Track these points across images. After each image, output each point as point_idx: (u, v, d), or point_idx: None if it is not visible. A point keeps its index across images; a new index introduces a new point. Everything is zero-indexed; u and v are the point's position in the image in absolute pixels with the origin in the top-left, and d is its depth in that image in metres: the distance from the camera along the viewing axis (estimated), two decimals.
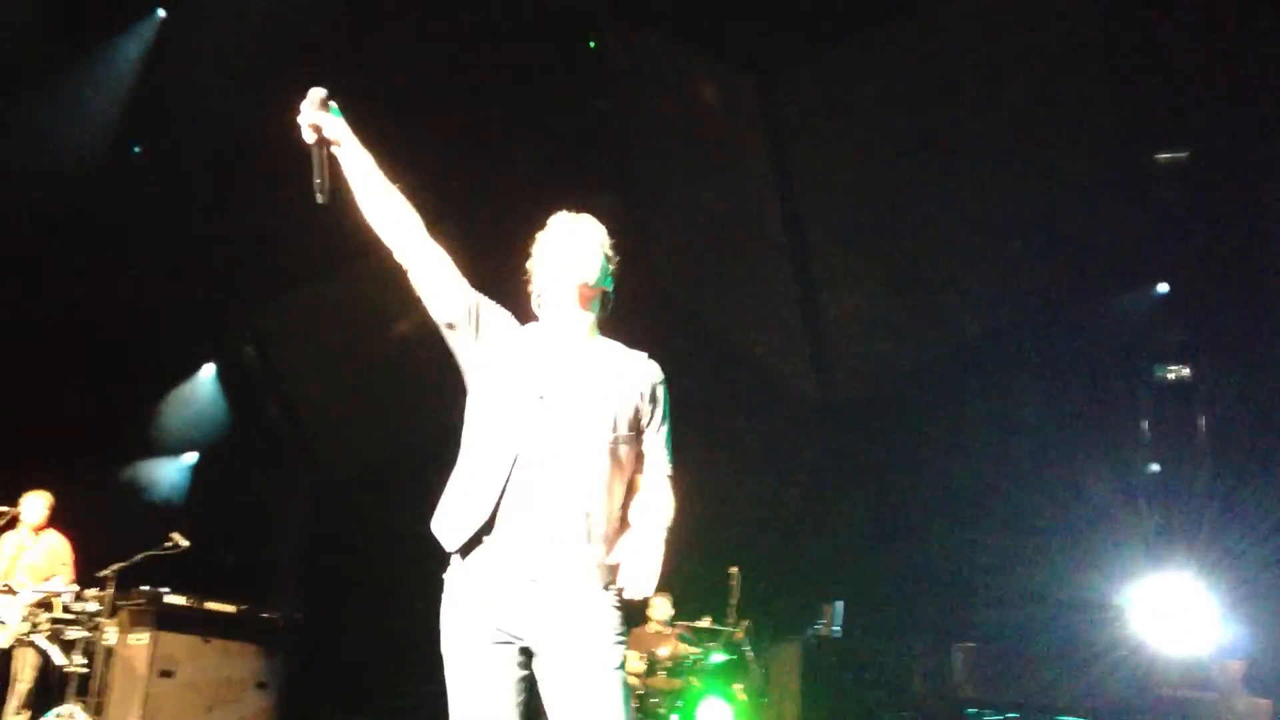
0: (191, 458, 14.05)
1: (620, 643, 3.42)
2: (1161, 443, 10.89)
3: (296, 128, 3.64)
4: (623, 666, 3.42)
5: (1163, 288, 11.10)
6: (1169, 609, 9.05)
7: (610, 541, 3.46)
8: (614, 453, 3.48)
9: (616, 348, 3.69)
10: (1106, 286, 11.28)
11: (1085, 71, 10.30)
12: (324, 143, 3.62)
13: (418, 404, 13.21)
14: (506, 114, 11.69)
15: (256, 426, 14.09)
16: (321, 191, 3.62)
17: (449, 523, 3.46)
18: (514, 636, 3.37)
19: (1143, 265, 11.04)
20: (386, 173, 3.69)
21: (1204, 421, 10.63)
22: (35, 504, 9.34)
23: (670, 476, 3.66)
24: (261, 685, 9.78)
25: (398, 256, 3.62)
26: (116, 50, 11.18)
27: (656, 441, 3.63)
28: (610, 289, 3.72)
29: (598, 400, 3.50)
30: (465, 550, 3.41)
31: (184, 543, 9.03)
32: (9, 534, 9.24)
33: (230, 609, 9.70)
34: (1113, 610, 9.37)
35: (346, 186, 3.65)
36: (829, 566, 11.34)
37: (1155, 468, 10.84)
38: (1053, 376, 11.02)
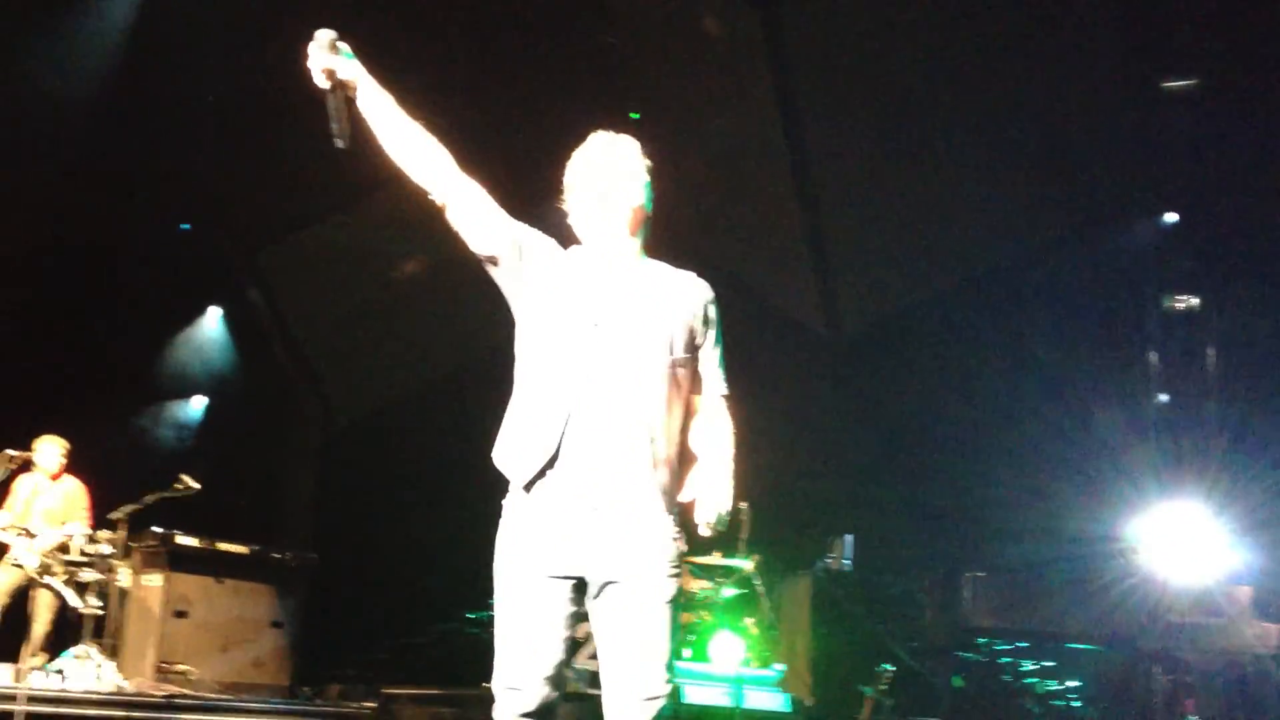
0: (200, 401, 14.08)
1: (675, 575, 3.41)
2: (1170, 372, 10.87)
3: (306, 72, 3.53)
4: (676, 599, 3.41)
5: (1171, 217, 11.03)
6: (1178, 538, 9.08)
7: (672, 466, 3.45)
8: (672, 375, 3.46)
9: (665, 269, 3.66)
10: (1115, 216, 11.23)
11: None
12: (339, 86, 3.51)
13: (426, 344, 13.23)
14: (511, 50, 11.59)
15: (264, 369, 14.10)
16: (341, 137, 3.53)
17: (514, 456, 3.44)
18: (572, 568, 3.36)
19: (1151, 194, 10.97)
20: (399, 104, 3.61)
21: (1213, 351, 10.61)
22: (50, 451, 9.34)
23: (725, 396, 3.64)
24: (276, 625, 9.87)
25: (432, 195, 3.53)
26: None
27: (711, 362, 3.61)
28: (650, 206, 3.67)
29: (654, 324, 3.46)
30: (531, 483, 3.39)
31: (194, 485, 9.06)
32: (24, 477, 9.25)
33: (243, 550, 9.78)
34: (1122, 540, 9.39)
35: (365, 129, 3.55)
36: (838, 501, 11.37)
37: (1164, 398, 10.83)
38: (1061, 307, 11.00)
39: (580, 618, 3.43)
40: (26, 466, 9.13)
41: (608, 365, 3.39)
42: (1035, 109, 10.68)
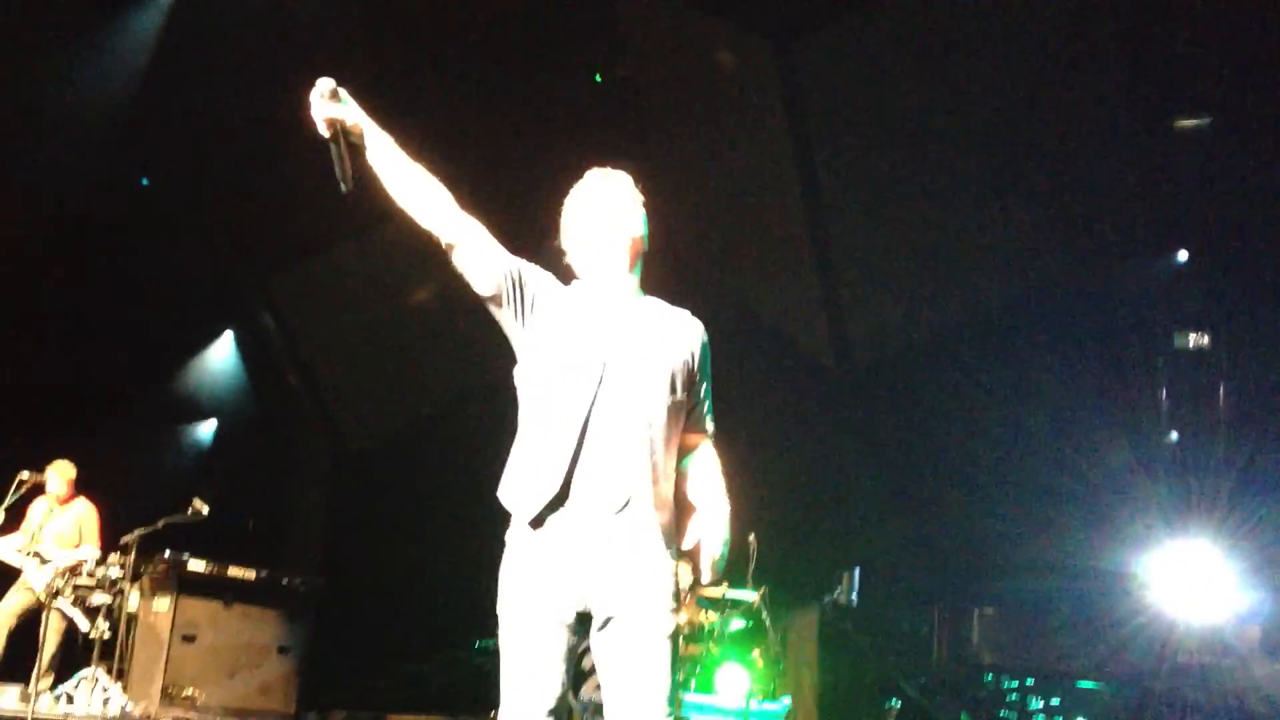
0: (211, 424, 14.12)
1: (674, 610, 3.46)
2: (1180, 411, 10.86)
3: (309, 119, 3.59)
4: (676, 634, 3.45)
5: (1182, 255, 11.05)
6: (1187, 576, 9.05)
7: (669, 504, 3.50)
8: (673, 414, 3.51)
9: (662, 305, 3.69)
10: (1125, 254, 11.24)
11: (1104, 37, 10.23)
12: (341, 134, 3.56)
13: (436, 370, 13.26)
14: (523, 82, 11.66)
15: (276, 393, 14.14)
16: (345, 181, 3.60)
17: (521, 493, 3.47)
18: (576, 603, 3.40)
19: (1162, 232, 10.98)
20: (404, 143, 3.66)
21: (1223, 390, 10.60)
22: (55, 477, 9.40)
23: (712, 435, 3.69)
24: (283, 650, 9.87)
25: (439, 238, 3.56)
26: (133, 19, 11.17)
27: (703, 401, 3.66)
28: (646, 242, 3.71)
29: (657, 363, 3.51)
30: (537, 520, 3.42)
31: (205, 509, 9.09)
32: (38, 501, 9.34)
33: (251, 575, 9.78)
34: (1131, 578, 9.37)
35: (369, 172, 3.60)
36: (846, 534, 11.36)
37: (1174, 436, 10.81)
38: (1070, 345, 10.99)
39: (583, 650, 3.47)
40: (40, 489, 9.18)
41: (613, 402, 3.43)
42: (1046, 146, 10.70)
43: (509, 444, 3.58)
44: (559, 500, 3.39)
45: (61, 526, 9.38)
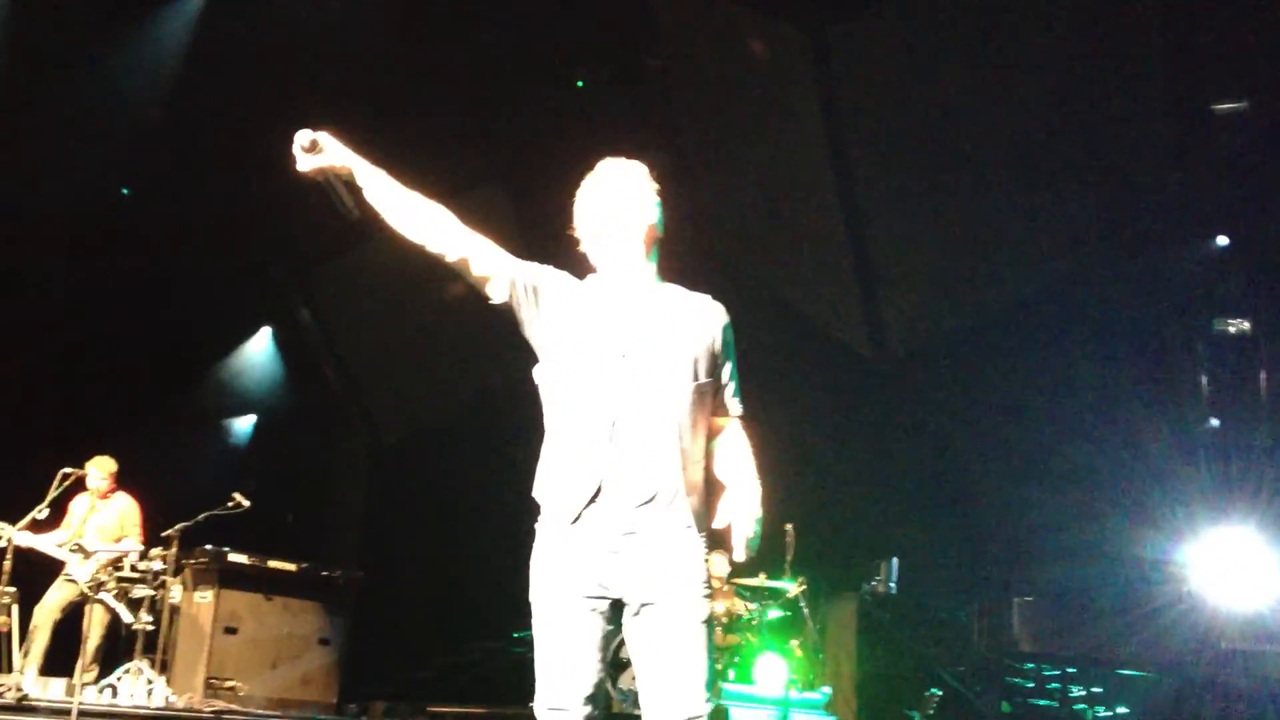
0: (250, 420, 14.22)
1: (708, 596, 3.45)
2: (1221, 397, 10.77)
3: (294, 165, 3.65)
4: (710, 620, 3.45)
5: (1222, 240, 10.95)
6: (1229, 563, 8.98)
7: (699, 490, 3.50)
8: (698, 399, 3.51)
9: (682, 292, 3.68)
10: (1165, 239, 11.14)
11: (1142, 21, 10.15)
12: (334, 177, 3.62)
13: (473, 363, 13.30)
14: (558, 73, 11.68)
15: (313, 388, 14.23)
16: (347, 210, 3.66)
17: (558, 492, 3.48)
18: (606, 591, 3.40)
19: (1202, 217, 10.89)
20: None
21: (1264, 375, 10.50)
22: (96, 473, 9.49)
23: (741, 417, 3.68)
24: (324, 642, 9.94)
25: (448, 259, 3.59)
26: (164, 20, 11.25)
27: (729, 383, 3.66)
28: (662, 230, 3.69)
29: (678, 349, 3.50)
30: (575, 517, 3.43)
31: (245, 503, 9.16)
32: (80, 496, 9.43)
33: (291, 567, 9.86)
34: (1173, 565, 9.30)
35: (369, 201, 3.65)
36: (884, 523, 11.33)
37: (1215, 422, 10.71)
38: (1111, 331, 10.92)
39: (613, 637, 3.47)
40: (82, 485, 9.27)
41: (638, 393, 3.43)
42: (1084, 132, 10.63)
43: (542, 437, 3.60)
44: (595, 496, 3.41)
45: (103, 521, 9.46)
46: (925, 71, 10.88)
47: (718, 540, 3.51)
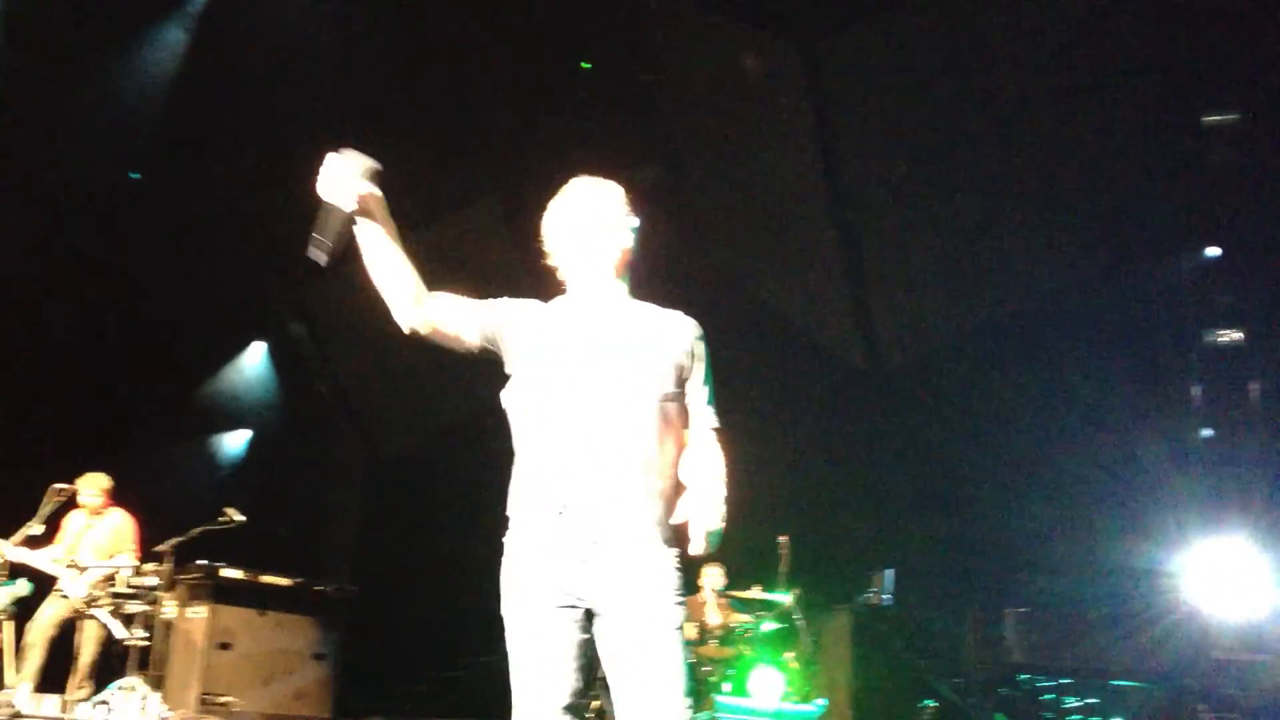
0: (244, 434, 14.20)
1: (680, 603, 3.46)
2: (1213, 407, 10.80)
3: (331, 179, 3.60)
4: (682, 627, 3.46)
5: (1213, 251, 10.98)
6: (1223, 573, 9.00)
7: (668, 499, 3.51)
8: (663, 412, 3.53)
9: (652, 309, 3.71)
10: (1156, 250, 11.18)
11: (1133, 33, 10.19)
12: (359, 212, 3.58)
13: (467, 377, 13.26)
14: (551, 87, 11.70)
15: (307, 403, 14.22)
16: (323, 252, 3.58)
17: (526, 507, 3.51)
18: (577, 600, 3.41)
19: (1193, 229, 10.92)
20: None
21: (1256, 385, 10.53)
22: (88, 491, 9.47)
23: (717, 429, 3.69)
24: (318, 656, 9.92)
25: (406, 327, 3.66)
26: (162, 29, 11.27)
27: (700, 396, 3.67)
28: (632, 248, 3.72)
29: (643, 363, 3.53)
30: (542, 529, 3.46)
31: (239, 518, 9.14)
32: (74, 513, 9.42)
33: (285, 582, 9.84)
34: (1166, 575, 9.32)
35: (351, 248, 3.62)
36: (879, 535, 11.34)
37: (1207, 433, 10.75)
38: (1103, 342, 10.94)
39: (589, 646, 3.46)
40: (74, 501, 9.25)
41: (604, 408, 3.47)
42: (1076, 144, 10.66)
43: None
44: (563, 509, 3.43)
45: (98, 537, 9.44)
46: (917, 84, 10.91)
47: (683, 542, 3.52)
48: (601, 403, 3.47)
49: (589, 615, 3.44)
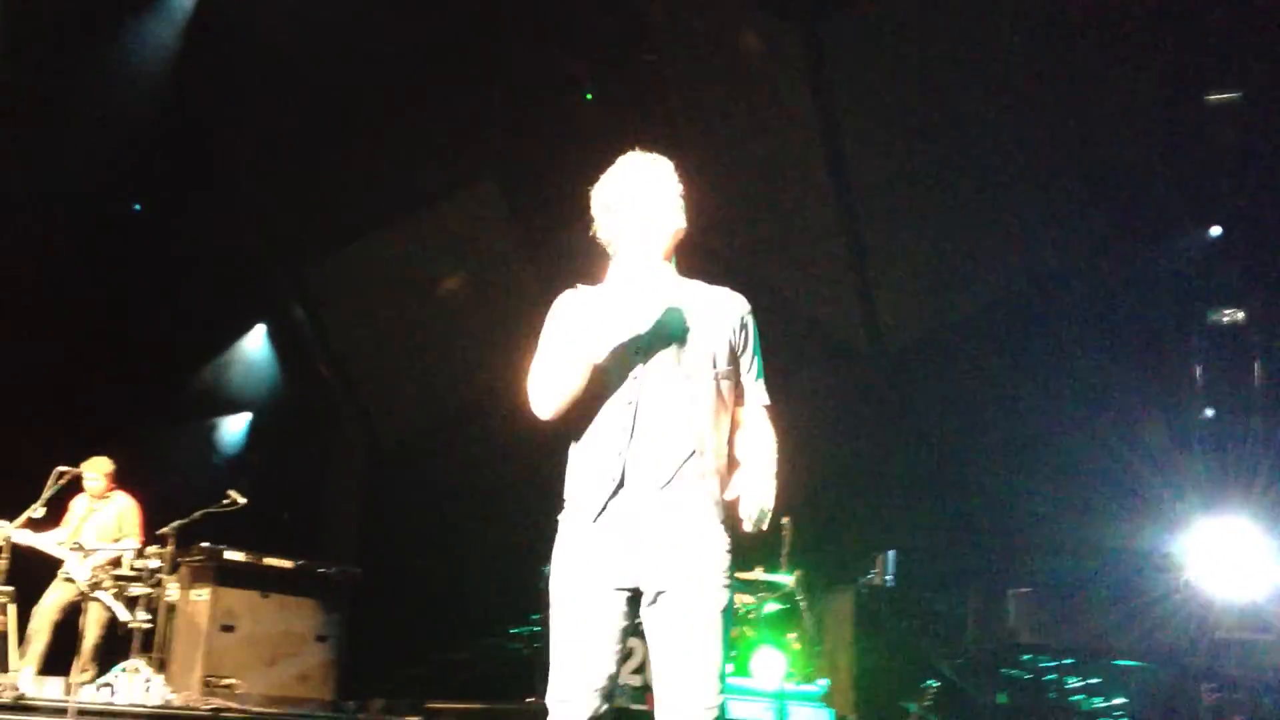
0: (246, 418, 14.20)
1: (728, 586, 3.47)
2: (1215, 387, 10.79)
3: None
4: (729, 609, 3.46)
5: (1215, 231, 10.96)
6: (1225, 553, 9.00)
7: (722, 477, 3.53)
8: (717, 390, 3.54)
9: (701, 286, 3.70)
10: (1158, 230, 11.16)
11: (1136, 12, 10.16)
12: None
13: (468, 360, 13.30)
14: (550, 67, 11.67)
15: (309, 385, 14.22)
16: None
17: (582, 488, 3.52)
18: (628, 579, 3.43)
19: (1195, 208, 10.90)
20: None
21: (1258, 365, 10.53)
22: (91, 475, 9.50)
23: (767, 407, 3.70)
24: (321, 639, 9.93)
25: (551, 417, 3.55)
26: (156, 15, 11.23)
27: (751, 374, 3.68)
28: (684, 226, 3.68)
29: (696, 342, 3.53)
30: (600, 510, 3.46)
31: (241, 500, 9.16)
32: (80, 497, 9.46)
33: (288, 564, 9.85)
34: (1168, 555, 9.32)
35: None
36: (881, 516, 11.34)
37: (1209, 413, 10.74)
38: (1104, 322, 10.93)
39: (633, 630, 3.48)
40: (78, 485, 9.27)
41: (656, 387, 3.47)
42: (1078, 123, 10.63)
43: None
44: (616, 491, 3.44)
45: (102, 521, 9.47)
46: (919, 65, 10.88)
47: (733, 515, 3.52)
48: (656, 382, 3.47)
49: (635, 597, 3.45)
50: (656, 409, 3.45)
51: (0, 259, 10.77)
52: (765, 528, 3.52)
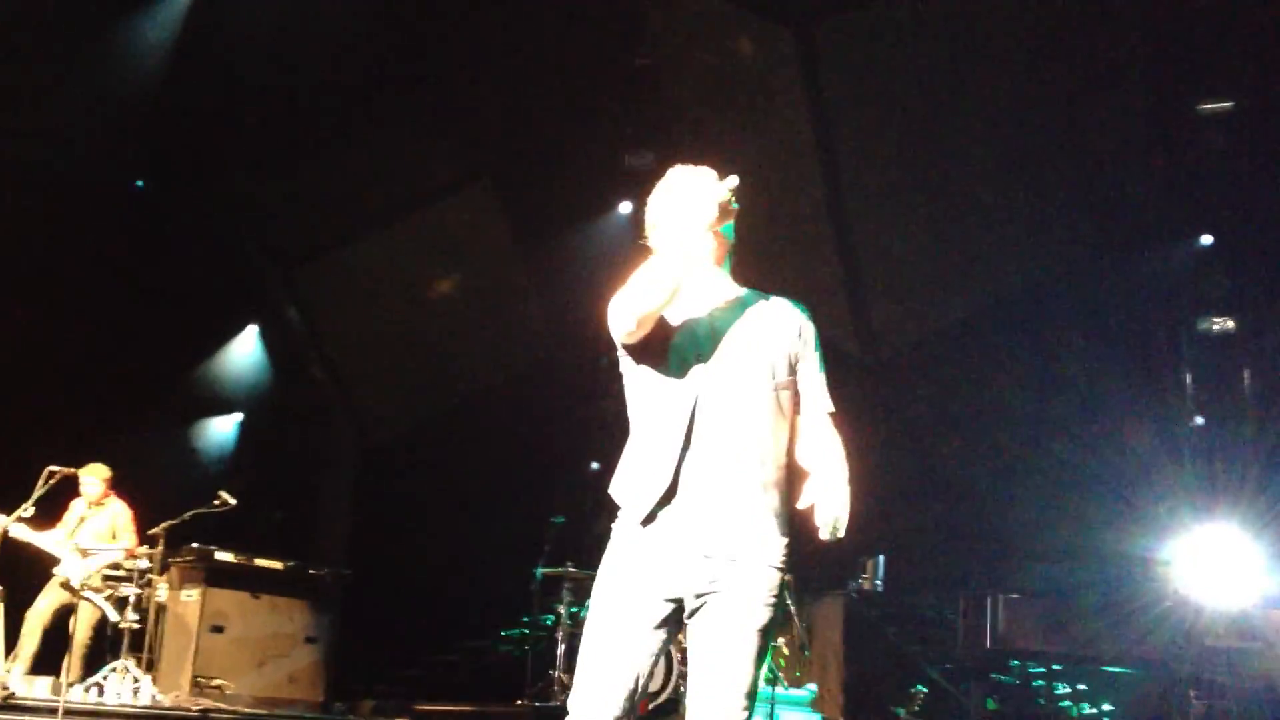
0: (236, 419, 14.19)
1: (773, 605, 3.44)
2: (1205, 395, 10.83)
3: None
4: (771, 629, 3.44)
5: (1206, 239, 11.00)
6: (1214, 561, 9.02)
7: (781, 489, 3.50)
8: (776, 400, 3.53)
9: (757, 295, 3.71)
10: (1149, 238, 11.20)
11: (1127, 21, 10.20)
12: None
13: (460, 362, 13.30)
14: (546, 71, 11.68)
15: (300, 386, 14.21)
16: None
17: (632, 491, 3.51)
18: (672, 592, 3.41)
19: (1186, 217, 10.94)
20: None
21: (1248, 373, 10.57)
22: (89, 481, 9.50)
23: (832, 414, 3.68)
24: (311, 640, 9.91)
25: (631, 332, 3.52)
26: (154, 14, 11.22)
27: (813, 381, 3.65)
28: (734, 237, 3.70)
29: (754, 352, 3.53)
30: (648, 516, 3.45)
31: (231, 501, 9.14)
32: (76, 501, 9.48)
33: (278, 565, 9.83)
34: (1157, 563, 9.34)
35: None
36: (870, 521, 11.29)
37: (1199, 420, 10.78)
38: (1095, 330, 10.97)
39: (670, 640, 3.48)
40: (74, 486, 9.26)
41: (715, 397, 3.46)
42: (1069, 131, 10.68)
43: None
44: (669, 496, 3.42)
45: (97, 526, 9.48)
46: (911, 69, 10.91)
47: (799, 526, 3.50)
48: (716, 393, 3.46)
49: (681, 608, 3.43)
50: (714, 418, 3.43)
51: None
52: (841, 535, 3.48)
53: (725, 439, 3.43)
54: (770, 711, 7.99)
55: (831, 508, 3.46)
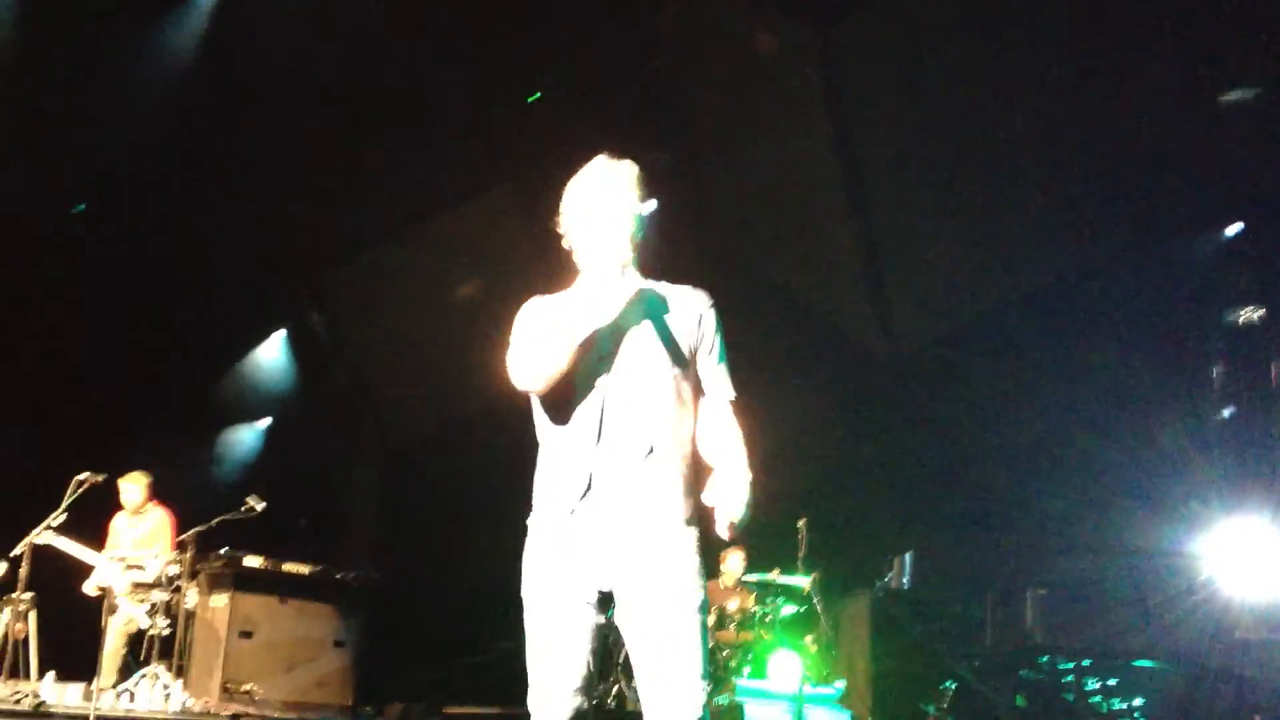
0: (264, 424, 14.25)
1: (701, 584, 3.49)
2: (1234, 386, 10.76)
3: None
4: (704, 607, 3.48)
5: (1233, 229, 10.93)
6: (1244, 553, 8.96)
7: (686, 476, 3.54)
8: (676, 388, 3.56)
9: (661, 285, 3.71)
10: (1176, 229, 11.13)
11: (1152, 11, 10.13)
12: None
13: (486, 364, 13.28)
14: (562, 71, 11.68)
15: (327, 391, 14.26)
16: None
17: (551, 492, 3.56)
18: (598, 584, 3.45)
19: (1213, 207, 10.87)
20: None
21: (1277, 364, 10.48)
22: (129, 488, 9.58)
23: (733, 402, 3.69)
24: (339, 644, 9.94)
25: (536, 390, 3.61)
26: (180, 13, 11.27)
27: (713, 368, 3.67)
28: (642, 234, 3.68)
29: (656, 341, 3.55)
30: (568, 514, 3.49)
31: (259, 506, 9.18)
32: (119, 515, 9.62)
33: (306, 570, 9.86)
34: (1187, 556, 9.29)
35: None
36: (897, 518, 11.33)
37: (1228, 412, 10.71)
38: (1123, 322, 10.90)
39: (605, 630, 3.51)
40: (110, 502, 9.34)
41: (620, 391, 3.50)
42: (1094, 122, 10.61)
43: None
44: (585, 492, 3.46)
45: (139, 535, 9.56)
46: (932, 63, 10.87)
47: (705, 521, 3.53)
48: (621, 387, 3.50)
49: (609, 600, 3.47)
50: (621, 411, 3.48)
51: (18, 264, 10.84)
52: (741, 531, 3.50)
53: (632, 430, 3.47)
54: (799, 709, 7.99)
55: (733, 503, 3.47)
